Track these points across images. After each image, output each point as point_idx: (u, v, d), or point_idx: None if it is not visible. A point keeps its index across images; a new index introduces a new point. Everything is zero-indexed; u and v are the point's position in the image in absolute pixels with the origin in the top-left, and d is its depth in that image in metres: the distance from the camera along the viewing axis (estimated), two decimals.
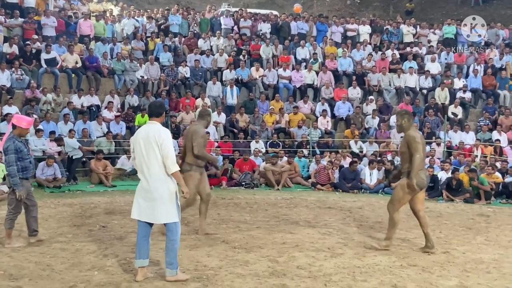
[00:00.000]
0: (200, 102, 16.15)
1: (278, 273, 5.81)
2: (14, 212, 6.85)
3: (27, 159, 6.85)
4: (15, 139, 6.76)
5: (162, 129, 5.51)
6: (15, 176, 6.69)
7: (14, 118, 7.09)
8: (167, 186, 5.41)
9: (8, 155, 6.71)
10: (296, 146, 15.33)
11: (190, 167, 7.50)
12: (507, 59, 19.02)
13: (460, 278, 5.80)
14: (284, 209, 10.17)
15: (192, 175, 7.48)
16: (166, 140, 5.42)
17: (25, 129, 6.94)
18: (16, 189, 6.70)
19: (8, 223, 6.85)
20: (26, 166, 6.82)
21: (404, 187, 6.81)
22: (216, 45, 18.76)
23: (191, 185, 7.32)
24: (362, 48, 19.19)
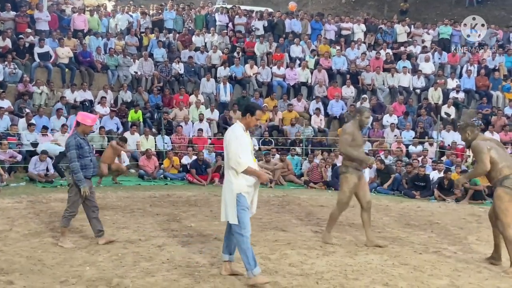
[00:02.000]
0: (194, 98, 16.13)
1: (270, 271, 5.81)
2: (70, 211, 6.70)
3: (88, 157, 6.71)
4: (76, 135, 6.66)
5: (231, 128, 5.49)
6: (78, 172, 6.55)
7: (79, 115, 6.94)
8: (229, 187, 5.35)
9: (69, 151, 6.59)
10: (289, 144, 15.34)
11: (346, 168, 7.10)
12: (500, 60, 19.11)
13: (451, 278, 5.82)
14: (276, 207, 10.16)
15: (348, 178, 7.07)
16: (229, 139, 5.33)
17: (89, 126, 6.82)
18: (80, 185, 6.54)
19: (63, 221, 6.72)
20: (86, 164, 6.67)
21: (500, 198, 6.20)
22: (211, 41, 18.74)
23: (344, 188, 7.08)
24: (357, 47, 19.21)
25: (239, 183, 5.33)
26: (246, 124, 5.46)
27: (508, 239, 6.12)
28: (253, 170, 5.35)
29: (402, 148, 15.17)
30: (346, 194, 7.10)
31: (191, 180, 12.86)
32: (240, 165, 5.25)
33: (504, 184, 6.15)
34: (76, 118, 6.85)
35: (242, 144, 5.32)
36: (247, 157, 5.33)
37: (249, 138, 5.48)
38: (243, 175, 5.32)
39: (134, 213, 8.90)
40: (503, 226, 6.15)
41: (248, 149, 5.40)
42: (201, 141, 14.65)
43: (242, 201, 5.33)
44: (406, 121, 16.23)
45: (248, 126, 5.48)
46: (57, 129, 13.77)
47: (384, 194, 12.58)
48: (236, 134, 5.35)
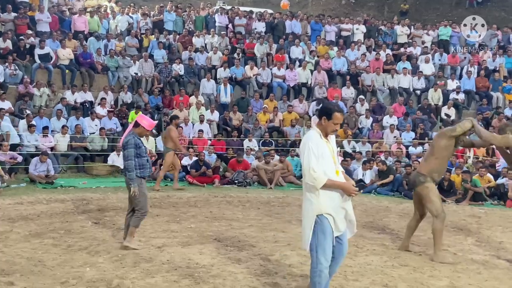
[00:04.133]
0: (194, 99, 16.15)
1: (270, 272, 5.82)
2: (142, 211, 6.68)
3: (145, 157, 6.73)
4: (134, 135, 6.68)
5: (305, 138, 4.64)
6: (132, 170, 6.55)
7: (140, 116, 6.94)
8: (308, 208, 4.57)
9: (127, 149, 6.59)
10: (289, 145, 15.35)
11: (424, 178, 6.65)
12: (500, 61, 19.12)
13: (451, 279, 5.83)
14: (276, 207, 10.18)
15: (429, 187, 6.63)
16: (301, 150, 4.56)
17: (146, 129, 6.82)
18: (131, 184, 6.54)
19: (135, 221, 6.69)
20: (143, 164, 6.68)
21: None
22: (211, 42, 18.75)
23: (432, 198, 6.57)
24: (357, 48, 19.23)
25: (320, 202, 4.48)
26: (323, 129, 4.58)
27: None
28: (334, 182, 4.47)
29: (402, 149, 15.18)
30: (437, 203, 6.63)
31: (191, 181, 12.87)
32: (316, 180, 4.40)
33: None
34: (137, 119, 6.83)
35: (318, 153, 4.45)
36: (325, 168, 4.47)
37: (330, 145, 4.61)
38: (326, 192, 4.47)
39: None
40: None
41: (328, 159, 4.52)
42: (201, 142, 14.67)
43: (324, 224, 4.49)
44: (406, 122, 16.24)
45: (325, 132, 4.58)
46: (57, 130, 13.78)
47: (384, 195, 12.58)
48: (309, 143, 4.48)
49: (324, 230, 4.49)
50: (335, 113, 4.53)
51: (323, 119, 4.56)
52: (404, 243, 7.07)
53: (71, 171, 13.44)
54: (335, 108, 4.58)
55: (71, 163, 13.57)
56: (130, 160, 6.54)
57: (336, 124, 4.56)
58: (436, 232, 6.57)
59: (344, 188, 4.53)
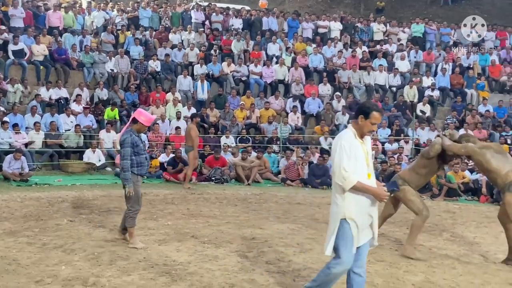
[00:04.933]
0: (171, 96, 16.06)
1: (247, 268, 5.83)
2: (133, 210, 6.59)
3: (143, 155, 6.60)
4: (132, 133, 6.54)
5: (338, 136, 4.45)
6: (127, 170, 6.43)
7: (137, 112, 6.80)
8: (333, 210, 4.40)
9: (124, 148, 6.46)
10: (266, 141, 15.37)
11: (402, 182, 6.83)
12: (474, 58, 19.41)
13: (426, 274, 5.91)
14: (253, 204, 10.20)
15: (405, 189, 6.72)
16: (334, 148, 4.37)
17: (145, 125, 6.69)
18: (126, 184, 6.43)
19: (129, 221, 6.61)
20: (142, 162, 6.57)
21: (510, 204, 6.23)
22: (187, 39, 18.65)
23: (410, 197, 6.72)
24: (333, 45, 19.32)
25: (346, 205, 4.30)
26: (359, 129, 4.38)
27: None
28: (364, 185, 4.26)
29: (378, 146, 15.33)
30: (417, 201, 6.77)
31: (168, 178, 12.80)
32: (346, 180, 4.22)
33: None
34: (134, 115, 6.70)
35: (351, 153, 4.27)
36: (357, 170, 4.28)
37: (364, 147, 4.41)
38: (353, 196, 4.29)
39: (111, 211, 8.83)
40: None
41: (361, 161, 4.32)
42: (178, 139, 14.59)
43: (346, 229, 4.31)
44: (382, 118, 16.34)
45: (361, 132, 4.39)
46: (32, 127, 13.59)
47: None
48: (342, 141, 4.32)
49: (347, 235, 4.29)
50: (373, 112, 4.33)
51: (360, 118, 4.37)
52: None
53: (46, 169, 13.26)
54: (374, 107, 4.39)
55: (46, 160, 13.38)
56: (126, 159, 6.43)
57: (374, 124, 4.36)
58: (414, 227, 6.68)
59: (375, 193, 4.30)
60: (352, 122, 4.46)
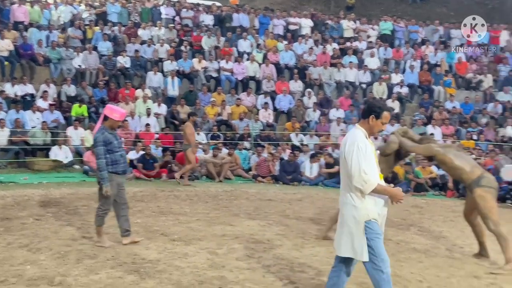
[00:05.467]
0: (141, 93, 15.89)
1: (217, 265, 5.80)
2: (103, 208, 6.44)
3: (118, 152, 6.42)
4: (104, 131, 6.37)
5: (350, 135, 4.35)
6: (103, 170, 6.27)
7: (107, 108, 6.61)
8: (353, 214, 4.24)
9: (96, 147, 6.31)
10: (237, 138, 15.34)
11: None
12: (441, 55, 19.70)
13: (394, 268, 5.93)
14: (224, 201, 10.16)
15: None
16: (349, 150, 4.22)
17: (117, 121, 6.54)
18: (103, 184, 6.28)
19: (97, 220, 6.46)
20: (116, 160, 6.39)
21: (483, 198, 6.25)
22: (157, 35, 18.47)
23: None
24: (304, 42, 19.38)
25: (366, 207, 4.22)
26: (369, 129, 4.34)
27: (501, 236, 6.22)
28: (383, 188, 4.25)
29: None
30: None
31: (137, 175, 12.67)
32: (367, 183, 4.15)
33: (482, 184, 6.24)
34: (104, 112, 6.55)
35: (367, 155, 4.20)
36: (373, 171, 4.24)
37: (373, 147, 4.36)
38: (371, 196, 4.23)
39: (78, 210, 8.69)
40: (494, 224, 6.22)
41: (373, 161, 4.29)
42: (148, 136, 14.45)
43: (374, 228, 4.23)
44: (352, 115, 16.51)
45: (371, 132, 4.36)
46: None
47: (331, 187, 12.75)
48: (358, 143, 4.22)
49: (376, 233, 4.23)
50: (385, 112, 4.31)
51: (371, 118, 4.31)
52: (323, 232, 7.25)
53: (11, 166, 12.97)
54: (384, 107, 4.38)
55: (11, 158, 13.09)
56: (100, 158, 6.29)
57: (384, 124, 4.35)
58: None
59: (393, 193, 4.26)
60: (361, 122, 4.38)
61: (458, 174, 6.50)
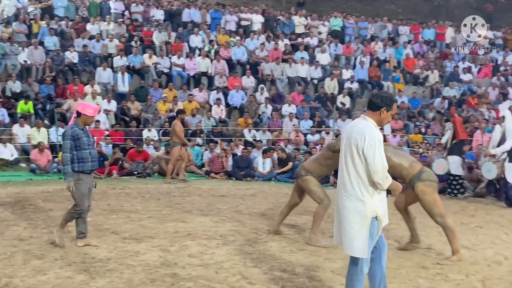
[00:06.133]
0: (89, 89, 15.55)
1: (169, 263, 5.74)
2: (77, 209, 6.21)
3: (87, 150, 6.17)
4: (75, 126, 6.16)
5: (370, 130, 4.15)
6: (67, 164, 6.05)
7: (79, 105, 6.41)
8: (359, 209, 4.16)
9: (64, 141, 6.13)
10: (190, 134, 15.23)
11: (305, 173, 6.91)
12: (390, 51, 20.11)
13: (345, 260, 5.99)
14: (177, 198, 10.07)
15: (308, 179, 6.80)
16: (369, 143, 4.09)
17: (91, 117, 6.31)
18: (65, 179, 6.06)
19: (67, 216, 6.30)
20: (84, 157, 6.14)
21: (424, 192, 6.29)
22: (106, 30, 18.11)
23: (312, 188, 6.78)
24: (256, 38, 19.40)
25: (374, 203, 4.17)
26: (379, 121, 4.26)
27: (448, 228, 6.30)
28: (393, 182, 4.27)
29: (301, 137, 15.58)
30: (318, 191, 6.86)
31: None
32: (387, 178, 4.15)
33: (423, 178, 6.31)
34: (76, 108, 6.36)
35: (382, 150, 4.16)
36: None
37: None
38: (380, 192, 4.20)
39: (25, 209, 8.45)
40: (440, 216, 6.29)
41: None
42: (98, 133, 14.14)
43: (375, 228, 4.21)
44: (304, 110, 16.66)
45: (380, 124, 4.27)
46: None
47: (284, 182, 12.84)
48: (379, 137, 4.14)
49: (373, 235, 4.21)
50: (395, 104, 4.30)
51: (383, 111, 4.23)
52: (274, 227, 7.27)
53: None
54: (394, 98, 4.36)
55: None
56: (65, 152, 6.11)
57: (393, 115, 4.39)
58: (317, 216, 6.82)
59: (397, 188, 4.40)
60: (370, 114, 4.28)
61: (398, 171, 6.60)
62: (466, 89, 19.19)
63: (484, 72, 20.36)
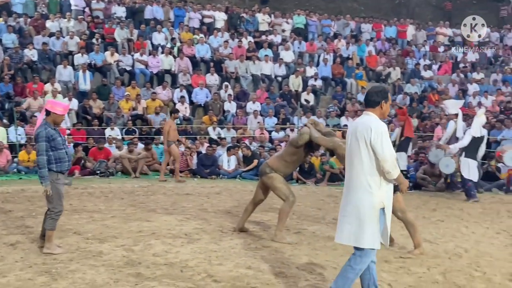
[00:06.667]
0: (50, 87, 15.23)
1: (133, 262, 5.67)
2: (56, 211, 5.98)
3: (62, 149, 5.97)
4: (47, 126, 5.91)
5: (374, 123, 4.29)
6: (43, 167, 5.82)
7: (48, 103, 6.15)
8: (368, 199, 4.24)
9: (38, 143, 5.85)
10: (154, 133, 15.08)
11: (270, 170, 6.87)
12: (353, 49, 20.34)
13: (310, 256, 6.09)
14: (141, 197, 9.96)
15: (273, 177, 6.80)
16: (379, 137, 4.20)
17: (61, 115, 6.08)
18: (42, 182, 5.83)
19: (49, 223, 5.99)
20: (61, 158, 5.95)
21: None
22: (66, 27, 17.77)
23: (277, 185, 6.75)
24: (220, 35, 19.34)
25: (382, 194, 4.26)
26: (381, 114, 4.41)
27: (409, 222, 6.40)
28: (400, 174, 4.33)
29: (265, 134, 15.62)
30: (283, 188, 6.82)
31: None
32: (396, 168, 4.24)
33: None
34: (45, 106, 6.12)
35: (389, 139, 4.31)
36: None
37: None
38: (388, 184, 4.30)
39: None
40: (400, 211, 6.36)
41: None
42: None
43: (382, 219, 4.29)
44: (269, 108, 16.70)
45: (383, 117, 4.44)
46: None
47: (249, 179, 12.84)
48: (385, 128, 4.28)
49: (381, 226, 4.28)
50: (389, 94, 4.45)
51: (382, 104, 4.37)
52: (239, 225, 7.25)
53: None
54: (387, 88, 4.46)
55: None
56: (41, 155, 5.89)
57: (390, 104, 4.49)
58: (282, 213, 6.81)
59: (405, 183, 4.45)
60: (373, 110, 4.39)
61: None
62: (427, 86, 19.55)
63: (444, 69, 20.79)
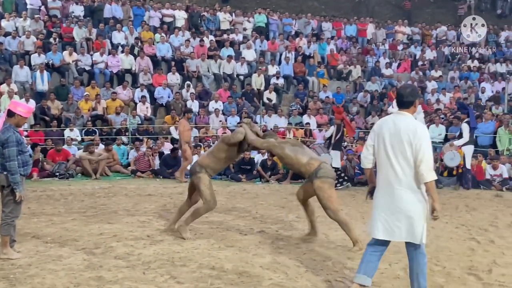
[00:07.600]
0: (6, 88, 14.84)
1: (94, 266, 5.56)
2: (11, 216, 5.73)
3: (27, 153, 5.76)
4: (14, 130, 5.62)
5: (418, 125, 4.44)
6: (16, 173, 5.58)
7: (12, 104, 5.86)
8: (419, 198, 4.43)
9: (8, 148, 5.56)
10: (114, 133, 14.87)
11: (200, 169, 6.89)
12: (314, 47, 20.49)
13: (273, 255, 6.10)
14: (102, 198, 9.80)
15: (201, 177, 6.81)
16: (424, 139, 4.34)
17: (24, 118, 5.82)
18: (16, 188, 5.59)
19: (4, 229, 5.71)
20: (27, 161, 5.75)
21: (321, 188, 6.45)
22: (22, 26, 17.34)
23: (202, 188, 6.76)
24: (181, 34, 19.19)
25: (424, 192, 4.47)
26: (413, 112, 4.57)
27: (341, 222, 6.49)
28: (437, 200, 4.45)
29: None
30: (206, 192, 6.79)
31: None
32: (431, 172, 4.38)
33: (319, 175, 6.45)
34: (9, 107, 5.83)
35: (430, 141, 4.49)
36: None
37: None
38: None
39: None
40: (333, 212, 6.46)
41: None
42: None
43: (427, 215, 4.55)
44: (231, 106, 16.67)
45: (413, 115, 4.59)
46: None
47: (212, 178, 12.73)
48: (427, 132, 4.47)
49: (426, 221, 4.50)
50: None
51: (416, 103, 4.54)
52: (171, 226, 7.18)
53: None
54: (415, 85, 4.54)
55: None
56: (13, 160, 5.64)
57: None
58: (196, 212, 6.87)
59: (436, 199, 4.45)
60: (407, 110, 4.51)
61: (296, 168, 6.77)
62: (387, 83, 19.85)
63: (404, 67, 21.15)
